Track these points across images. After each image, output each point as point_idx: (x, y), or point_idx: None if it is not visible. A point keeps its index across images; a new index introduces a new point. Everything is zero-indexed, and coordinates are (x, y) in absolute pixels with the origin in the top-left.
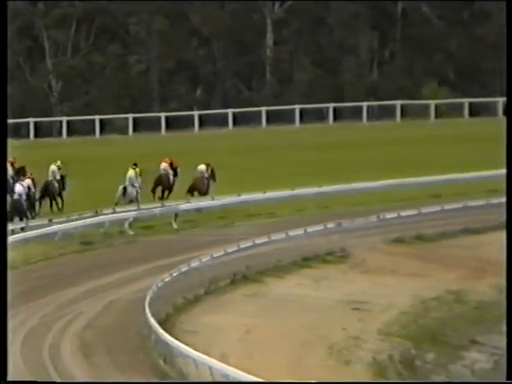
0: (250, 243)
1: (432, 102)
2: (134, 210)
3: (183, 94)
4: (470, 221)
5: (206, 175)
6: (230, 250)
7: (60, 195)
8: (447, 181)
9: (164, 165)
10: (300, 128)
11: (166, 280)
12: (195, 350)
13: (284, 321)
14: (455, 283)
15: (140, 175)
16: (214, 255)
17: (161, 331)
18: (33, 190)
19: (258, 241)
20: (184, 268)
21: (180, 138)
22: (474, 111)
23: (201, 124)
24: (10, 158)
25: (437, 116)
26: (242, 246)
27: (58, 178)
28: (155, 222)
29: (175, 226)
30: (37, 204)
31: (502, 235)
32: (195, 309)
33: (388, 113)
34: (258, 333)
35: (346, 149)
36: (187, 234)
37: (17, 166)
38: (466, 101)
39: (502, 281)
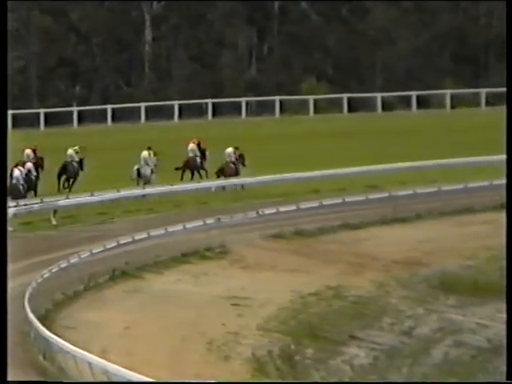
0: (129, 239)
1: (311, 98)
2: (14, 206)
3: (63, 91)
4: (348, 216)
5: (234, 159)
6: (109, 246)
7: (76, 176)
8: (326, 176)
9: (192, 145)
10: (179, 124)
11: (46, 276)
12: (75, 346)
13: (164, 317)
14: (334, 278)
15: (155, 156)
16: (94, 251)
17: (40, 327)
18: (34, 173)
19: (137, 237)
20: (63, 264)
21: (58, 134)
22: (353, 107)
23: (80, 120)
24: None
25: (316, 112)
26: (121, 241)
27: (77, 160)
28: (33, 218)
29: (54, 222)
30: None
31: (381, 230)
32: (75, 305)
33: (267, 108)
34: (137, 329)
35: (223, 145)
36: (66, 230)
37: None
38: (345, 96)
39: (381, 276)
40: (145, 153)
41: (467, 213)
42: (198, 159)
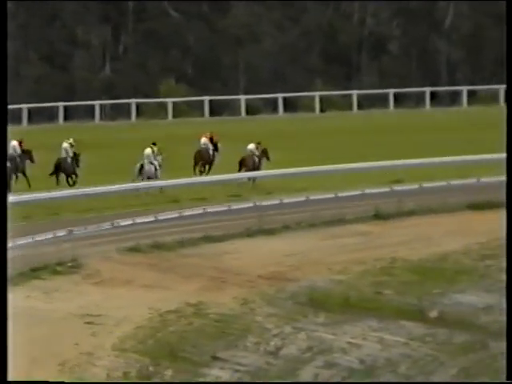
0: None
1: (169, 100)
2: None
3: None
4: (210, 228)
5: (256, 153)
6: None
7: (74, 172)
8: (187, 184)
9: (204, 139)
10: (28, 129)
11: None
12: None
13: (12, 336)
14: (195, 295)
15: (161, 153)
16: None
17: None
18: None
19: None
20: None
21: None
22: (216, 110)
23: None
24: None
25: (175, 115)
26: None
27: (71, 155)
28: None
29: None
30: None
31: (245, 243)
32: None
33: (123, 112)
34: None
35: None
36: None
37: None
38: (206, 99)
39: (245, 292)
40: (148, 150)
41: (338, 224)
42: (211, 151)
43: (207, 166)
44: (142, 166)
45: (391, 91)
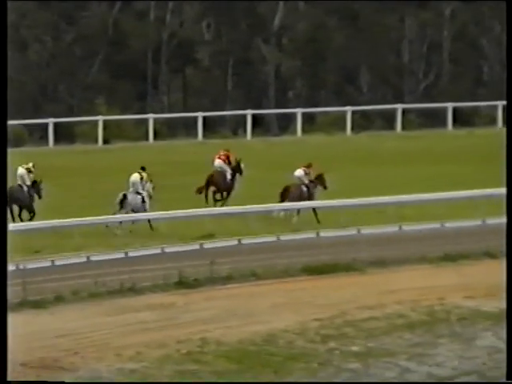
0: None
1: None
2: None
3: None
4: None
5: (306, 181)
6: None
7: (30, 204)
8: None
9: (219, 161)
10: None
11: None
12: None
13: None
14: None
15: (151, 180)
16: None
17: None
18: None
19: None
20: None
21: None
22: None
23: None
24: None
25: None
26: None
27: (28, 183)
28: None
29: None
30: None
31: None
32: None
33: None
34: None
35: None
36: None
37: None
38: None
39: None
40: (135, 176)
41: (129, 293)
42: (228, 175)
43: (223, 194)
44: (124, 196)
45: (199, 115)
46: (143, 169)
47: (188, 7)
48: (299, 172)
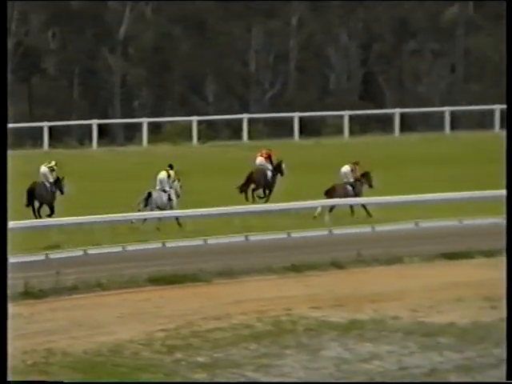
0: None
1: None
2: None
3: None
4: None
5: (351, 179)
6: None
7: (51, 201)
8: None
9: (260, 159)
10: None
11: None
12: None
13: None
14: None
15: (178, 179)
16: None
17: None
18: None
19: None
20: None
21: None
22: None
23: None
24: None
25: None
26: None
27: (51, 180)
28: None
29: None
30: None
31: None
32: None
33: None
34: None
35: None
36: None
37: None
38: None
39: None
40: (162, 174)
41: None
42: (269, 173)
43: (266, 191)
44: (149, 194)
45: (45, 125)
46: (171, 167)
47: (33, 15)
48: (346, 169)
